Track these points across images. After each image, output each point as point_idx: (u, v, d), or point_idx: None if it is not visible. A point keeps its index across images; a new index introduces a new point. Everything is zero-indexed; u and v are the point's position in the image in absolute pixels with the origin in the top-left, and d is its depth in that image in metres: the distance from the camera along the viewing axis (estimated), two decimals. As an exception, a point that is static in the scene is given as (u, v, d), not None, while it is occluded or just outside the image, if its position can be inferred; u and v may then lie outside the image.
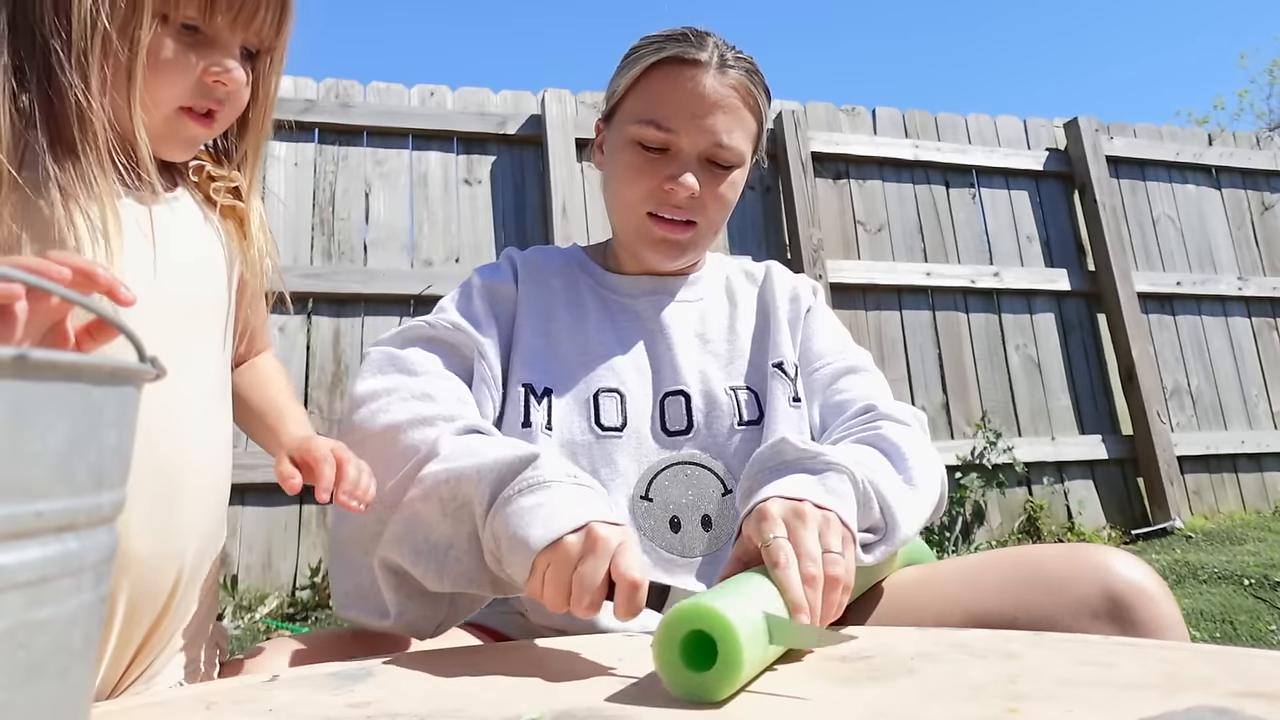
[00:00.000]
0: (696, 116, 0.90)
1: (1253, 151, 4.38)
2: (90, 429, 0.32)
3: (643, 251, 0.96)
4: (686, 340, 0.97)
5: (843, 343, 1.01)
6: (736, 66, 0.92)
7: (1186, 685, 0.48)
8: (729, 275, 1.05)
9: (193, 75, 0.71)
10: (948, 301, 3.66)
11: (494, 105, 3.34)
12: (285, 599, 2.60)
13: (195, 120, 0.73)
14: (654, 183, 0.91)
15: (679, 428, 0.91)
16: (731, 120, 0.91)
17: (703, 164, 0.92)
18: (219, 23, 0.71)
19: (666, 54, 0.91)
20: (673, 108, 0.91)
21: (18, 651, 0.29)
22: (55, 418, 0.30)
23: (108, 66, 0.67)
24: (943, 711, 0.46)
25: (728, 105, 0.91)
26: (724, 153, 0.92)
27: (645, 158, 0.92)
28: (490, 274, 0.98)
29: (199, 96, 0.72)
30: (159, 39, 0.69)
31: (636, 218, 0.94)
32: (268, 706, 0.54)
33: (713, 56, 0.91)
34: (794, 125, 3.51)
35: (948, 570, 0.84)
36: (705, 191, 0.92)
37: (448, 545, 0.72)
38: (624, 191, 0.94)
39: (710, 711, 0.50)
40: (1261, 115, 15.25)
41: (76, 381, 0.31)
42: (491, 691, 0.55)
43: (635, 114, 0.93)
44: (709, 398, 0.92)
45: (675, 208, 0.92)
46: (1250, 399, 3.99)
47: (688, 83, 0.90)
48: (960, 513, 3.27)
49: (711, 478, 0.89)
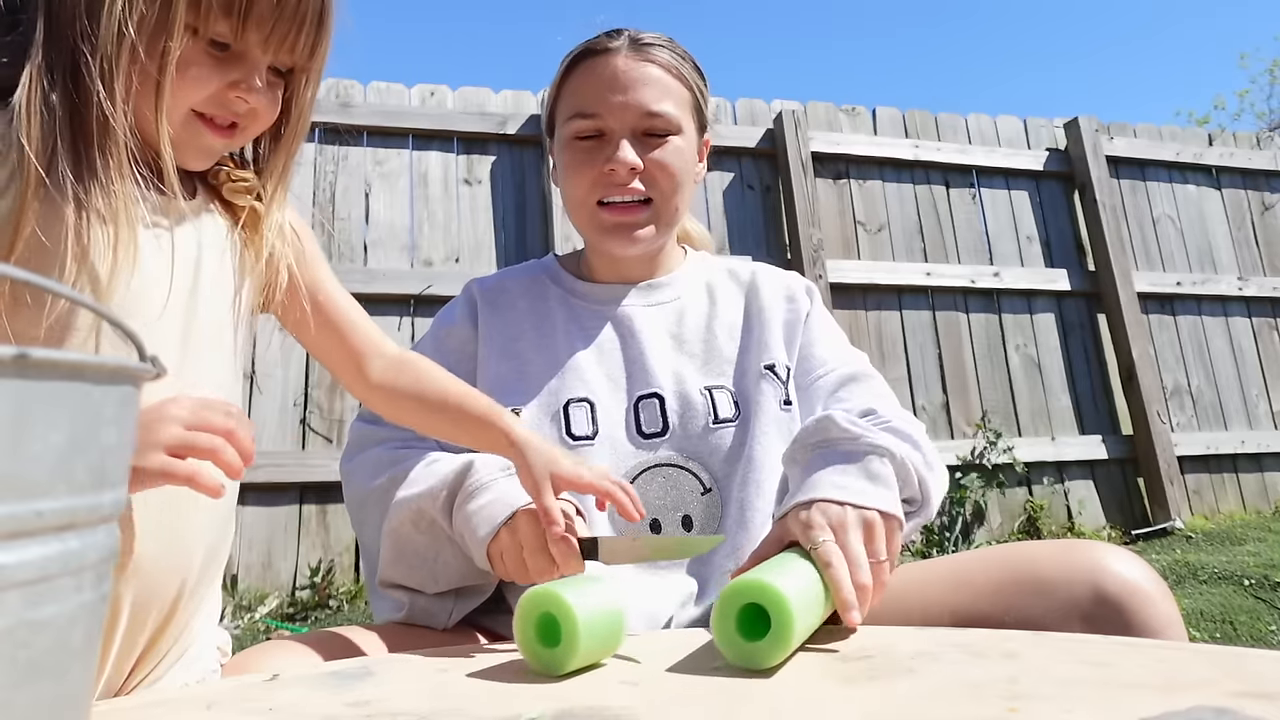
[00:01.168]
0: (616, 93, 0.93)
1: (1253, 152, 4.38)
2: (90, 428, 0.32)
3: (602, 243, 0.97)
4: (659, 342, 0.97)
5: (842, 347, 1.02)
6: (652, 45, 0.95)
7: (1186, 685, 0.48)
8: (710, 274, 1.05)
9: (213, 88, 0.70)
10: (948, 301, 3.66)
11: (494, 105, 3.34)
12: (285, 599, 2.60)
13: (212, 130, 0.72)
14: (595, 170, 0.93)
15: (654, 430, 0.91)
16: (656, 90, 0.93)
17: (638, 138, 0.94)
18: (250, 40, 0.69)
19: (579, 51, 0.96)
20: (593, 92, 0.93)
21: (18, 651, 0.29)
22: (56, 417, 0.30)
23: (135, 76, 0.66)
24: (943, 711, 0.47)
25: (647, 78, 0.93)
26: (656, 121, 0.93)
27: (582, 149, 0.94)
28: (445, 319, 1.01)
29: (217, 107, 0.71)
30: (188, 52, 0.67)
31: (588, 211, 0.96)
32: (268, 706, 0.54)
33: (624, 42, 0.94)
34: (794, 125, 3.50)
35: (936, 571, 0.84)
36: (648, 164, 0.93)
37: (434, 555, 0.84)
38: (571, 189, 0.96)
39: (719, 710, 0.50)
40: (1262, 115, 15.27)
41: (77, 381, 0.31)
42: (491, 691, 0.55)
43: (564, 114, 0.96)
44: (683, 398, 0.92)
45: (622, 188, 0.93)
46: (1250, 399, 3.99)
47: (602, 68, 0.94)
48: (960, 513, 3.27)
49: (690, 478, 0.90)
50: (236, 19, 0.68)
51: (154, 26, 0.66)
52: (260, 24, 0.69)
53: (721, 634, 0.59)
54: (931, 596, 0.80)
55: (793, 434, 0.92)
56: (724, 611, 0.59)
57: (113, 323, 0.36)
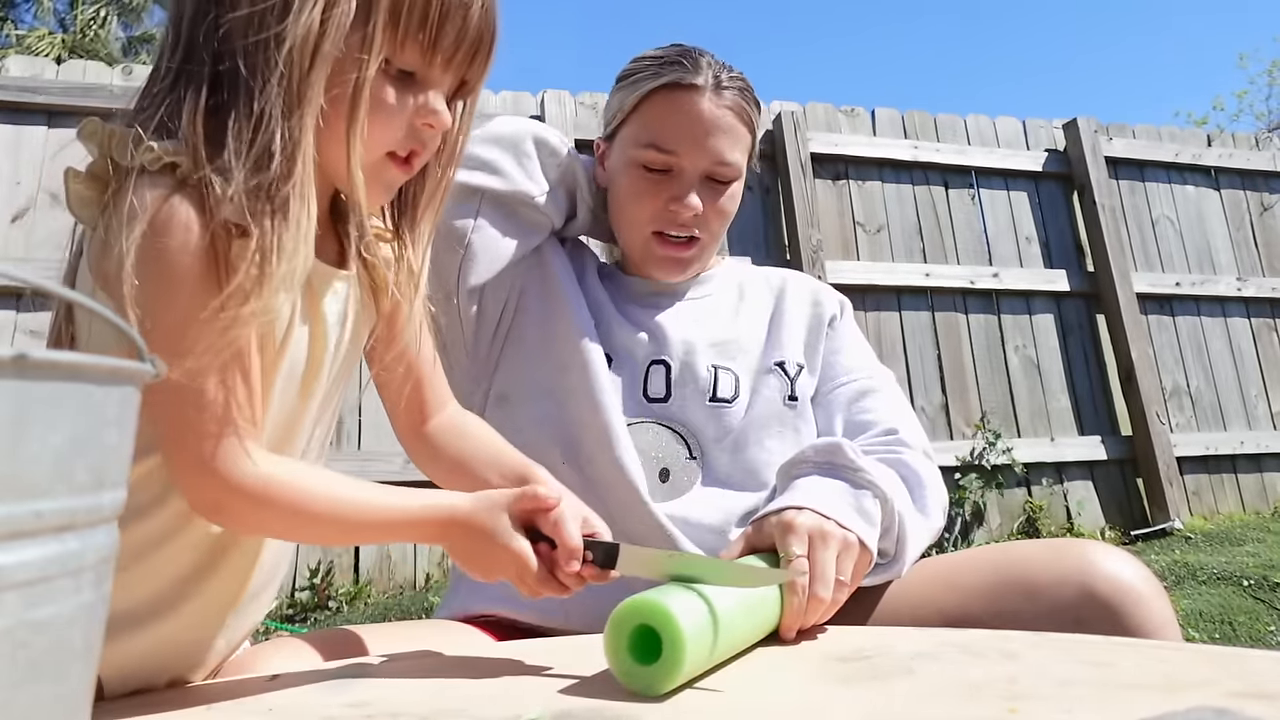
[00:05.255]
0: (697, 139, 0.94)
1: (1252, 152, 4.38)
2: (91, 429, 0.32)
3: (649, 268, 1.01)
4: (681, 319, 1.00)
5: (868, 361, 1.04)
6: (730, 87, 0.96)
7: (1186, 685, 0.48)
8: (744, 278, 1.09)
9: (405, 119, 0.65)
10: (947, 302, 3.67)
11: (493, 106, 3.33)
12: (285, 599, 2.60)
13: (397, 165, 0.67)
14: (658, 203, 0.96)
15: (658, 395, 0.95)
16: (729, 140, 0.96)
17: (704, 182, 0.96)
18: (436, 65, 0.64)
19: (664, 80, 0.95)
20: (673, 131, 0.94)
21: (17, 651, 0.29)
22: (56, 418, 0.30)
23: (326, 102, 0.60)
24: (943, 711, 0.47)
25: (725, 125, 0.95)
26: (724, 169, 0.96)
27: (649, 179, 0.96)
28: None
29: (409, 140, 0.66)
30: (377, 84, 0.62)
31: (642, 237, 0.98)
32: (268, 706, 0.54)
33: (708, 80, 0.95)
34: (793, 126, 3.50)
35: (927, 571, 0.84)
36: (707, 208, 0.96)
37: None
38: (630, 211, 0.98)
39: (718, 710, 0.50)
40: (1260, 116, 15.28)
41: (77, 381, 0.31)
42: (491, 692, 0.55)
43: (637, 138, 0.97)
44: (688, 369, 0.95)
45: (680, 226, 0.97)
46: (1250, 400, 3.99)
47: (686, 105, 0.94)
48: (959, 513, 3.27)
49: (678, 440, 0.93)
50: (427, 44, 0.63)
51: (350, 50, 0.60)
52: (450, 51, 0.64)
53: (612, 655, 0.55)
54: (922, 596, 0.80)
55: (794, 429, 0.95)
56: (614, 633, 0.55)
57: (109, 319, 0.35)
